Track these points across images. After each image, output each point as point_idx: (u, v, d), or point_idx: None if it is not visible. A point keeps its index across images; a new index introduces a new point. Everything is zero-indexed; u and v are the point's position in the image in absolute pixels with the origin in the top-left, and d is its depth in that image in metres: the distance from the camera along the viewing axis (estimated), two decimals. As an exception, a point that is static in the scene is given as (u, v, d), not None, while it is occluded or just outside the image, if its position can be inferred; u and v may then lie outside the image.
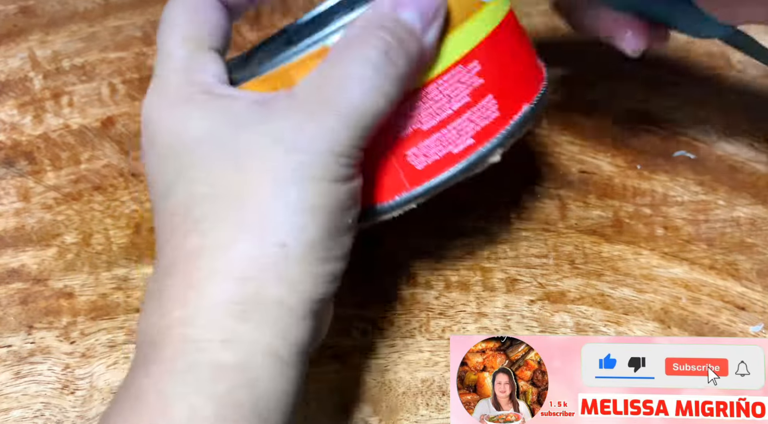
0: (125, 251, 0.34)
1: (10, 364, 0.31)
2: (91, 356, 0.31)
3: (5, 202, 0.36)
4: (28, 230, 0.35)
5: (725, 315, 0.33)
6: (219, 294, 0.23)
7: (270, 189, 0.24)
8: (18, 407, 0.30)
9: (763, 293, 0.34)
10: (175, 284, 0.24)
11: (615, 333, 0.32)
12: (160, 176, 0.25)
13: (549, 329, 0.32)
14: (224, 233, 0.24)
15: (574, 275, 0.34)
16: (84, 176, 0.37)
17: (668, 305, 0.33)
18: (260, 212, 0.23)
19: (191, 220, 0.24)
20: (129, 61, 0.42)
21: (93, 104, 0.40)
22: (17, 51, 0.42)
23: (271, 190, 0.24)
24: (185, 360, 0.22)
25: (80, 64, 0.42)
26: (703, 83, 0.41)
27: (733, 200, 0.37)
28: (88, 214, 0.36)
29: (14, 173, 0.37)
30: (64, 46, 0.42)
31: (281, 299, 0.23)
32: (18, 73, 0.41)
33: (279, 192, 0.23)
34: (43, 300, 0.33)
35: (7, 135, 0.38)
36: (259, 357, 0.23)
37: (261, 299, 0.23)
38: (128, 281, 0.34)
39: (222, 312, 0.23)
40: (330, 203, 0.24)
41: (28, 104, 0.40)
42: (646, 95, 0.41)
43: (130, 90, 0.41)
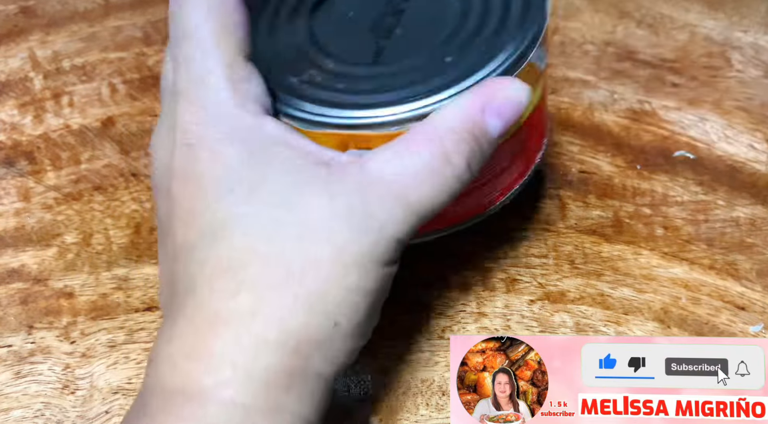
0: (125, 251, 0.34)
1: (11, 364, 0.31)
2: (92, 356, 0.31)
3: (5, 202, 0.36)
4: (29, 230, 0.35)
5: (725, 315, 0.33)
6: (271, 364, 0.23)
7: (333, 267, 0.23)
8: (18, 406, 0.30)
9: (762, 293, 0.33)
10: (217, 343, 0.23)
11: (615, 333, 0.32)
12: (199, 218, 0.24)
13: (549, 329, 0.32)
14: (280, 302, 0.23)
15: (574, 275, 0.34)
16: (84, 176, 0.37)
17: (668, 304, 0.33)
18: (320, 289, 0.23)
19: (241, 278, 0.23)
20: (129, 62, 0.42)
21: (93, 104, 0.40)
22: (18, 51, 0.42)
23: (333, 269, 0.23)
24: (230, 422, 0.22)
25: (80, 64, 0.41)
26: (702, 84, 0.41)
27: (732, 200, 0.36)
28: (89, 214, 0.36)
29: (14, 173, 0.37)
30: (64, 46, 0.42)
31: (321, 372, 0.23)
32: (18, 74, 0.41)
33: (341, 271, 0.23)
34: (44, 300, 0.33)
35: (8, 135, 0.38)
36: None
37: (307, 372, 0.23)
38: (128, 280, 0.33)
39: (272, 382, 0.23)
40: (382, 286, 0.24)
41: (28, 104, 0.40)
42: (646, 95, 0.41)
43: (130, 90, 0.40)
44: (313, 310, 0.23)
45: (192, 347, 0.23)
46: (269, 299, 0.23)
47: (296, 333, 0.23)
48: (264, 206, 0.24)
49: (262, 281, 0.23)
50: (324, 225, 0.23)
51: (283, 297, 0.23)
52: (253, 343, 0.23)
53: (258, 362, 0.22)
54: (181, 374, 0.23)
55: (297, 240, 0.23)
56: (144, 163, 0.37)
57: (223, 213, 0.24)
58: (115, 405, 0.30)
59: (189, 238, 0.24)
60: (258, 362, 0.22)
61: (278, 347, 0.23)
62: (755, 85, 0.41)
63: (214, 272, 0.23)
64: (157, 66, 0.41)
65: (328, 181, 0.24)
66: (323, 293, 0.23)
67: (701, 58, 0.42)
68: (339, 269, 0.23)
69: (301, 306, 0.23)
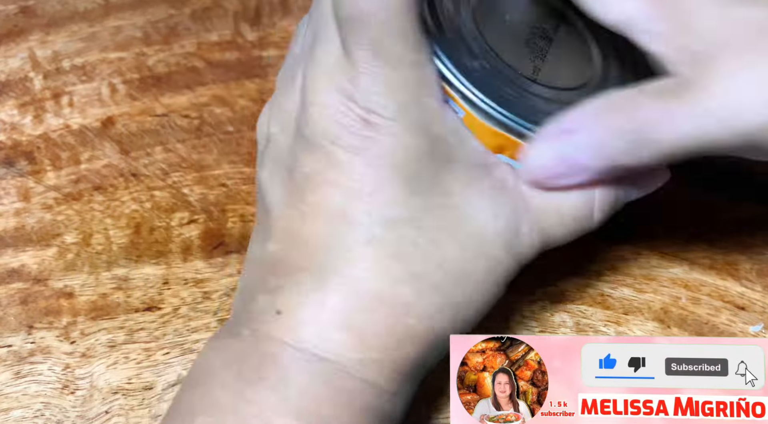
0: (125, 251, 0.34)
1: (10, 364, 0.31)
2: (91, 355, 0.31)
3: (5, 202, 0.36)
4: (28, 230, 0.35)
5: (725, 315, 0.33)
6: (411, 357, 0.25)
7: (483, 284, 0.25)
8: (18, 406, 0.30)
9: (762, 293, 0.33)
10: (370, 326, 0.24)
11: (615, 333, 0.32)
12: (369, 197, 0.24)
13: (549, 329, 0.32)
14: (431, 300, 0.24)
15: (574, 275, 0.34)
16: (84, 176, 0.37)
17: (668, 304, 0.33)
18: (467, 301, 0.25)
19: (404, 267, 0.24)
20: (129, 62, 0.41)
21: (93, 104, 0.40)
22: (17, 51, 0.42)
23: (482, 286, 0.25)
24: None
25: (80, 64, 0.41)
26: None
27: (733, 200, 0.36)
28: (88, 214, 0.35)
29: (14, 173, 0.37)
30: (64, 46, 0.42)
31: (430, 369, 0.27)
32: (18, 73, 0.41)
33: (489, 289, 0.25)
34: (43, 300, 0.33)
35: (8, 135, 0.38)
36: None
37: (425, 368, 0.26)
38: (128, 280, 0.33)
39: (408, 373, 0.25)
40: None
41: (28, 104, 0.40)
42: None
43: (130, 90, 0.40)
44: (455, 318, 0.25)
45: (344, 321, 0.24)
46: (427, 296, 0.24)
47: (441, 333, 0.25)
48: (435, 206, 0.24)
49: (424, 279, 0.24)
50: (486, 241, 0.24)
51: (434, 298, 0.24)
52: (405, 334, 0.24)
53: (400, 353, 0.24)
54: (329, 342, 0.24)
55: (460, 249, 0.24)
56: (144, 163, 0.37)
57: (404, 199, 0.24)
58: (115, 405, 0.30)
59: (351, 210, 0.24)
60: (400, 353, 0.24)
61: (423, 342, 0.24)
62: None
63: (379, 255, 0.24)
64: (157, 66, 0.41)
65: (493, 196, 0.25)
66: (467, 305, 0.25)
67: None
68: (487, 287, 0.25)
69: (448, 311, 0.24)
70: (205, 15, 0.44)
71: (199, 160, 0.37)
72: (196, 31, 0.43)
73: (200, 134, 0.39)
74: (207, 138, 0.38)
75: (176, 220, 0.35)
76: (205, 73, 0.41)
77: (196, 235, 0.35)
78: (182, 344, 0.32)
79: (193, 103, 0.40)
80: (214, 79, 0.41)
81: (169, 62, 0.42)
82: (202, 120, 0.39)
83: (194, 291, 0.33)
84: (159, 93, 0.40)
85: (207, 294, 0.33)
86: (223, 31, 0.43)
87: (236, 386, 0.23)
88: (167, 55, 0.42)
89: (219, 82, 0.41)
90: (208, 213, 0.35)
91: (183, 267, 0.34)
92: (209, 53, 0.42)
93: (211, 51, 0.42)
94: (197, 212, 0.36)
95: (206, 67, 0.41)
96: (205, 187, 0.36)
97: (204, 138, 0.38)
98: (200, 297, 0.33)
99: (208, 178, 0.37)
